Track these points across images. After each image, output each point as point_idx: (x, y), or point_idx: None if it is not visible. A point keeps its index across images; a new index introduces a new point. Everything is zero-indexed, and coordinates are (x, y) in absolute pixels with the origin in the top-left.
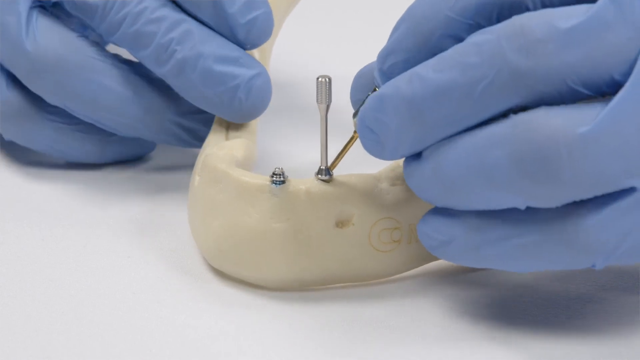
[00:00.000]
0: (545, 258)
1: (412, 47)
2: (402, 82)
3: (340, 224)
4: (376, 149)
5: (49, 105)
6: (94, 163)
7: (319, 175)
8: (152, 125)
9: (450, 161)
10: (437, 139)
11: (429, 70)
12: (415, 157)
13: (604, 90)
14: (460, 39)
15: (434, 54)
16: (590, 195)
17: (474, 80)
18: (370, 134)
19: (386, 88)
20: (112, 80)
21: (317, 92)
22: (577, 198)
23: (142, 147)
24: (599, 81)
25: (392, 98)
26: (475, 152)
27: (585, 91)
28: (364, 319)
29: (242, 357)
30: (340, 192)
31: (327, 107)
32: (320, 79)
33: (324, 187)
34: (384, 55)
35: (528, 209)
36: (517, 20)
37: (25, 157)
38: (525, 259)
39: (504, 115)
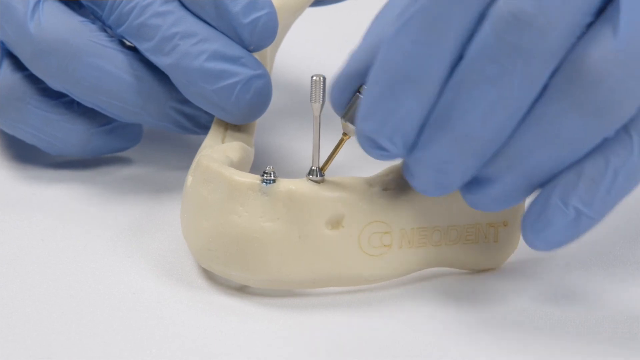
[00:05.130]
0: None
1: None
2: None
3: (330, 225)
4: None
5: (36, 93)
6: (76, 156)
7: (310, 176)
8: (153, 112)
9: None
10: None
11: None
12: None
13: None
14: None
15: None
16: None
17: None
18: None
19: None
20: (114, 66)
21: (311, 91)
22: None
23: (126, 140)
24: None
25: None
26: None
27: None
28: (353, 326)
29: (241, 357)
30: (331, 194)
31: (321, 106)
32: (314, 78)
33: (315, 188)
34: None
35: None
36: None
37: (25, 157)
38: None
39: None
